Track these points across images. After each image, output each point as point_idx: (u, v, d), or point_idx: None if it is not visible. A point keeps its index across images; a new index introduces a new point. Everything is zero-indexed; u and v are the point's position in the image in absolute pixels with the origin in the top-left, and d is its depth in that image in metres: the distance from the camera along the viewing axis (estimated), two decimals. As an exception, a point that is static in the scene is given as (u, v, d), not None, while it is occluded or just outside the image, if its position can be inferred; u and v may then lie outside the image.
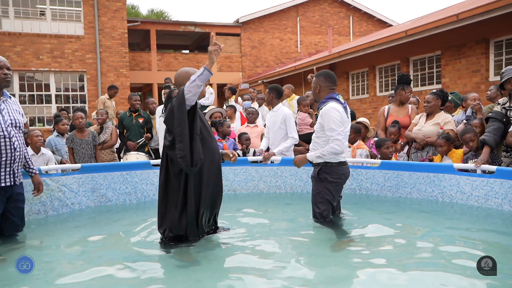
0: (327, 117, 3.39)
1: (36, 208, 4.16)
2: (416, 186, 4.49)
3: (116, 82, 14.39)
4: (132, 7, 30.13)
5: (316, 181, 3.57)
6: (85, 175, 4.55)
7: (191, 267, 2.68)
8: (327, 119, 3.39)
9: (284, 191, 5.19)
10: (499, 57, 8.49)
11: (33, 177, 3.54)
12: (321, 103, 3.54)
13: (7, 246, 3.21)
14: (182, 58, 19.78)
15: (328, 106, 3.43)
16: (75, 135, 5.79)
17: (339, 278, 2.46)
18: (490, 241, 3.14)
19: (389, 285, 2.34)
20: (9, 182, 3.23)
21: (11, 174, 3.24)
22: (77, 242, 3.34)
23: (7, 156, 3.17)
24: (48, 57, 14.02)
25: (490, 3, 7.66)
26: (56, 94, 14.37)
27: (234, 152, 3.39)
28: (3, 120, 3.15)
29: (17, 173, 3.31)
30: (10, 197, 3.31)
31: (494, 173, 3.92)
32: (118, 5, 14.74)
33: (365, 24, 21.85)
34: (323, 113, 3.43)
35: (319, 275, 2.51)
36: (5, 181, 3.20)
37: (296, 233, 3.43)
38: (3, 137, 3.13)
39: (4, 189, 3.23)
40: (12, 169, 3.24)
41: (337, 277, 2.47)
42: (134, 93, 6.97)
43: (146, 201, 4.83)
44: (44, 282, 2.48)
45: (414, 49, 10.37)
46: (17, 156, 3.24)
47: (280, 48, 20.78)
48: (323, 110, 3.45)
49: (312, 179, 3.63)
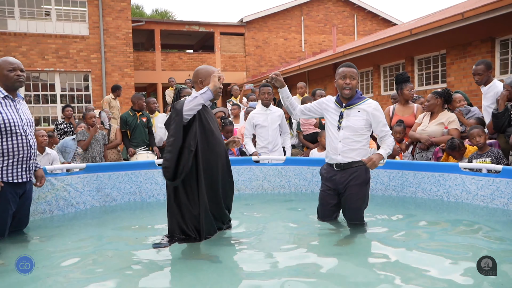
0: (380, 113, 3.31)
1: (42, 207, 4.18)
2: (420, 186, 4.47)
3: (120, 82, 14.44)
4: (136, 7, 30.21)
5: (361, 184, 3.32)
6: (90, 174, 4.57)
7: (201, 265, 2.68)
8: (381, 116, 3.31)
9: (289, 190, 5.19)
10: (505, 55, 8.44)
11: (36, 171, 3.59)
12: (357, 98, 3.33)
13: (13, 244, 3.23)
14: (186, 57, 19.81)
15: (374, 103, 3.33)
16: (86, 132, 6.05)
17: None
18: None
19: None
20: (25, 178, 3.34)
21: (27, 170, 3.35)
22: (85, 240, 3.36)
23: (24, 153, 3.28)
24: (53, 57, 14.09)
25: (495, 1, 7.61)
26: (61, 94, 14.43)
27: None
28: (20, 120, 3.26)
29: (32, 169, 3.44)
30: (22, 194, 3.40)
31: (500, 172, 3.90)
32: (123, 5, 14.78)
33: (369, 23, 21.79)
34: (376, 111, 3.29)
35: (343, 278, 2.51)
36: (21, 177, 3.30)
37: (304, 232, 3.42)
38: (20, 136, 3.24)
39: (20, 185, 3.32)
40: (28, 165, 3.36)
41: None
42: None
43: (151, 200, 4.84)
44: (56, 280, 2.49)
45: (419, 48, 10.32)
46: (32, 153, 3.36)
47: (284, 47, 20.76)
48: (374, 107, 3.30)
49: (355, 182, 3.30)
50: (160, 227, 3.71)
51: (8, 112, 3.20)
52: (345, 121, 3.30)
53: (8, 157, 3.19)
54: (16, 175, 3.25)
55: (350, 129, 3.29)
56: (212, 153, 3.07)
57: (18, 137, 3.22)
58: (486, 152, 4.30)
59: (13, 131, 3.19)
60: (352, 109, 3.31)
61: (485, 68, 4.74)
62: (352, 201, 3.35)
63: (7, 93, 3.25)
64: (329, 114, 3.43)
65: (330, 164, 3.43)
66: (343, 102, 3.35)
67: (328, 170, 3.46)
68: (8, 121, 3.16)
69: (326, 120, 3.50)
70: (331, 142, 3.39)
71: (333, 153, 3.36)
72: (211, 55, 19.97)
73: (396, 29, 14.21)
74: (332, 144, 3.37)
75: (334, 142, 3.35)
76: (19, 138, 3.23)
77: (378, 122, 3.29)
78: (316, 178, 5.03)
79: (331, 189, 3.43)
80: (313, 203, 3.73)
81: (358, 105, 3.30)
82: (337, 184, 3.38)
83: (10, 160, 3.20)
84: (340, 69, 3.34)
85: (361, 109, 3.29)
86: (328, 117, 3.44)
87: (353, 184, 3.31)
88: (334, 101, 3.43)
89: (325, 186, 3.48)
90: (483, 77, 4.76)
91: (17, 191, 3.31)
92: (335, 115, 3.38)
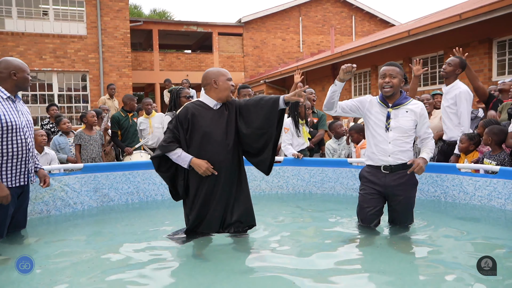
0: (427, 115, 3.29)
1: (39, 207, 4.17)
2: (418, 186, 4.46)
3: (118, 82, 14.42)
4: (134, 7, 30.20)
5: (411, 187, 3.27)
6: (87, 174, 4.56)
7: (198, 266, 2.68)
8: (427, 115, 3.27)
9: (286, 191, 5.18)
10: (502, 57, 8.47)
11: (38, 171, 3.58)
12: (404, 98, 3.25)
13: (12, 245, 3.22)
14: (184, 58, 19.79)
15: (420, 103, 3.26)
16: (83, 132, 6.00)
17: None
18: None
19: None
20: (23, 181, 3.31)
21: (26, 173, 3.32)
22: (82, 240, 3.35)
23: (23, 155, 3.25)
24: (51, 57, 14.06)
25: (493, 2, 7.64)
26: (59, 94, 14.40)
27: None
28: (19, 121, 3.23)
29: (32, 171, 3.41)
30: (20, 194, 3.37)
31: (497, 173, 3.91)
32: (121, 5, 14.76)
33: (367, 24, 21.82)
34: (423, 111, 3.23)
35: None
36: (20, 181, 3.27)
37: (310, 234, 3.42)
38: (20, 138, 3.21)
39: (17, 188, 3.29)
40: (27, 168, 3.32)
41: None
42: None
43: (148, 200, 4.84)
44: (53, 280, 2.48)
45: (417, 49, 10.35)
46: (30, 156, 3.33)
47: (283, 48, 20.76)
48: (422, 107, 3.24)
49: (406, 185, 3.24)
50: (158, 227, 3.71)
51: (9, 113, 3.17)
52: (393, 122, 3.20)
53: (7, 159, 3.16)
54: (14, 178, 3.21)
55: (400, 130, 3.18)
56: (206, 152, 3.06)
57: (18, 139, 3.19)
58: (496, 155, 4.29)
59: (13, 133, 3.16)
60: (400, 109, 3.21)
61: (458, 64, 4.55)
62: (407, 204, 3.29)
63: (9, 94, 3.21)
64: (373, 114, 3.28)
65: (376, 166, 3.28)
66: (389, 102, 3.24)
67: (373, 172, 3.30)
68: (10, 122, 3.12)
69: (368, 120, 3.34)
70: (378, 143, 3.24)
71: (382, 154, 3.23)
72: (209, 55, 19.96)
73: (394, 30, 14.24)
74: (381, 146, 3.23)
75: (383, 144, 3.22)
76: (19, 140, 3.20)
77: (424, 123, 3.23)
78: (314, 178, 5.04)
79: (377, 192, 3.28)
80: (312, 203, 3.74)
81: (406, 105, 3.21)
82: (386, 187, 3.24)
83: (9, 163, 3.17)
84: (381, 69, 3.31)
85: (409, 110, 3.20)
86: (372, 117, 3.29)
87: (403, 187, 3.22)
88: (378, 100, 3.30)
89: (370, 188, 3.30)
90: (452, 70, 4.55)
91: (15, 192, 3.28)
92: (380, 115, 3.25)
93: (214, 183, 3.06)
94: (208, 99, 3.14)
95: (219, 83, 3.09)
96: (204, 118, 3.07)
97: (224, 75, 3.12)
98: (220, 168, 3.05)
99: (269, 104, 3.06)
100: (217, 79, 3.09)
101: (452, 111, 4.56)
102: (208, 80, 3.13)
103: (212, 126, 3.06)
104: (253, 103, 3.12)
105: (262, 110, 3.08)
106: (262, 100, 3.10)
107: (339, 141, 5.94)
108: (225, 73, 3.15)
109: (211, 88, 3.12)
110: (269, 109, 3.05)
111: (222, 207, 3.11)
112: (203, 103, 3.14)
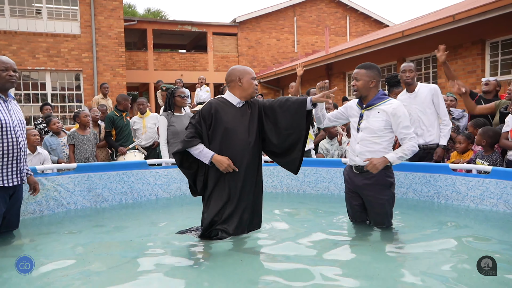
0: (402, 115, 3.15)
1: (32, 208, 4.14)
2: (412, 186, 4.50)
3: (112, 82, 14.35)
4: (129, 6, 30.09)
5: (381, 188, 3.23)
6: (81, 174, 4.53)
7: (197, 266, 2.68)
8: (402, 116, 3.14)
9: (281, 190, 5.19)
10: (495, 58, 8.53)
11: (28, 178, 3.55)
12: (377, 99, 3.23)
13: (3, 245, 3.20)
14: (178, 57, 19.73)
15: (395, 103, 3.19)
16: (76, 132, 5.95)
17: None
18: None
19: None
20: (16, 181, 3.27)
21: (18, 173, 3.29)
22: (75, 240, 3.33)
23: (14, 155, 3.22)
24: (44, 56, 13.96)
25: (486, 4, 7.70)
26: (52, 93, 14.31)
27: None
28: (11, 121, 3.20)
29: (24, 172, 3.37)
30: (12, 195, 3.34)
31: (489, 173, 3.94)
32: (115, 4, 14.69)
33: (362, 24, 21.88)
34: (396, 111, 3.13)
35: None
36: (12, 181, 3.24)
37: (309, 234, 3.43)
38: (11, 137, 3.18)
39: (8, 188, 3.26)
40: (19, 168, 3.29)
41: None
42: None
43: (142, 201, 4.82)
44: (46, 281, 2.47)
45: (411, 50, 10.40)
46: (22, 155, 3.30)
47: (277, 48, 20.77)
48: (395, 107, 3.15)
49: (373, 186, 3.23)
50: (154, 227, 3.70)
51: (0, 112, 3.14)
52: (364, 123, 3.25)
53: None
54: (6, 178, 3.19)
55: (369, 131, 3.22)
56: (228, 149, 3.05)
57: (9, 138, 3.16)
58: (489, 155, 4.34)
59: (3, 132, 3.13)
60: (371, 110, 3.23)
61: (414, 67, 4.54)
62: (372, 205, 3.32)
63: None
64: (351, 117, 3.40)
65: (350, 166, 3.40)
66: (363, 103, 3.30)
67: (348, 172, 3.44)
68: (0, 122, 3.10)
69: (350, 123, 3.46)
70: (351, 143, 3.38)
71: (352, 154, 3.34)
72: (203, 55, 19.93)
73: (388, 30, 14.30)
74: (352, 146, 3.36)
75: (353, 144, 3.33)
76: (9, 139, 3.17)
77: (398, 123, 3.15)
78: (308, 178, 5.05)
79: (352, 191, 3.40)
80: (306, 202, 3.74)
81: (378, 106, 3.21)
82: (356, 187, 3.35)
83: (0, 162, 3.15)
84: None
85: (381, 110, 3.19)
86: (351, 119, 3.41)
87: (370, 188, 3.25)
88: (357, 102, 3.38)
89: (347, 187, 3.47)
90: (414, 75, 4.49)
91: (7, 192, 3.27)
92: (356, 117, 3.34)
93: (236, 180, 3.04)
94: (231, 96, 3.13)
95: (243, 81, 3.09)
96: (227, 114, 3.06)
97: (249, 74, 3.12)
98: (241, 166, 3.05)
99: (295, 106, 3.08)
100: (242, 77, 3.09)
101: (430, 110, 4.44)
102: (232, 77, 3.12)
103: (234, 123, 3.06)
104: (279, 104, 3.14)
105: (288, 111, 3.10)
106: (288, 101, 3.12)
107: (332, 141, 5.96)
108: (250, 71, 3.15)
109: (235, 86, 3.11)
110: (295, 110, 3.08)
111: (250, 208, 3.13)
112: (226, 100, 3.14)
